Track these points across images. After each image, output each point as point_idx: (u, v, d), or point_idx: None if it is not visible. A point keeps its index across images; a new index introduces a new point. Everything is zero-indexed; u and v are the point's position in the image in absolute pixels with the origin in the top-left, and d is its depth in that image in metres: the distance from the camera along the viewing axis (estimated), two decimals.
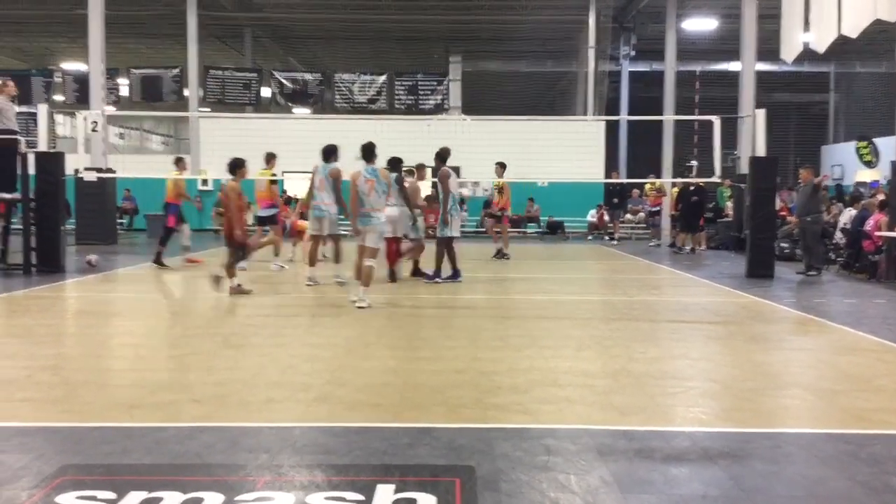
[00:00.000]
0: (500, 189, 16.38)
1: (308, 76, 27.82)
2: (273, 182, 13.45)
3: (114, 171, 18.64)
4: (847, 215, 14.25)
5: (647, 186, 22.72)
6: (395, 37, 30.09)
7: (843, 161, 28.86)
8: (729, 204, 20.20)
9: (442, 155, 11.65)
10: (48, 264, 12.08)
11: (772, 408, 5.03)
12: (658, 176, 22.48)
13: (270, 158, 13.43)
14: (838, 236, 14.36)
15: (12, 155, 11.99)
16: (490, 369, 5.88)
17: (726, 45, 26.82)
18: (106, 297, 10.49)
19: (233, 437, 4.17)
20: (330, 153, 10.87)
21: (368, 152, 9.29)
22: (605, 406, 4.91)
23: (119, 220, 22.71)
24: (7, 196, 12.12)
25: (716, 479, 3.65)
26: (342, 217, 10.71)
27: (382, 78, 26.92)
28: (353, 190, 9.16)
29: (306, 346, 6.78)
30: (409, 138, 21.94)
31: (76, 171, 15.20)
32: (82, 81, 24.33)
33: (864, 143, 27.13)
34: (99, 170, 17.38)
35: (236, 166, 10.19)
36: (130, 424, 4.38)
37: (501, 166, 15.73)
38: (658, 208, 22.08)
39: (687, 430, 4.39)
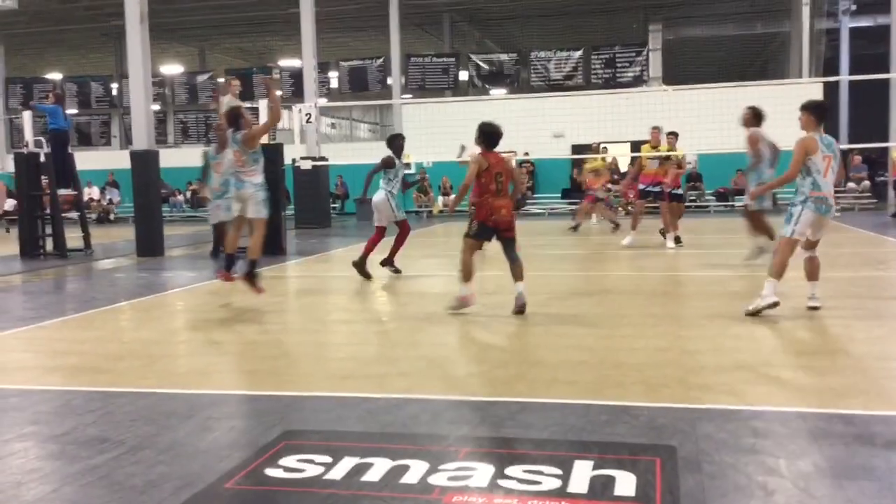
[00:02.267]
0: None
1: (504, 57, 28.09)
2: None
3: (326, 160, 19.85)
4: None
5: None
6: (591, 9, 29.57)
7: None
8: None
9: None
10: (272, 247, 13.11)
11: None
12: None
13: (671, 135, 13.02)
14: None
15: None
16: (694, 348, 5.71)
17: None
18: (323, 276, 11.24)
19: (436, 408, 4.36)
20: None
21: (823, 112, 6.86)
22: (820, 388, 4.62)
23: (332, 205, 24.17)
24: None
25: None
26: None
27: (578, 53, 26.60)
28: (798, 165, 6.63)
29: (503, 323, 6.90)
30: (606, 113, 21.61)
31: (293, 160, 16.36)
32: (297, 76, 26.01)
33: None
34: (313, 158, 18.59)
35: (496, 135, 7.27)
36: (344, 394, 4.69)
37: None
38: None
39: None
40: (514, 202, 7.30)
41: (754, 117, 9.99)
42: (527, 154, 23.16)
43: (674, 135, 13.20)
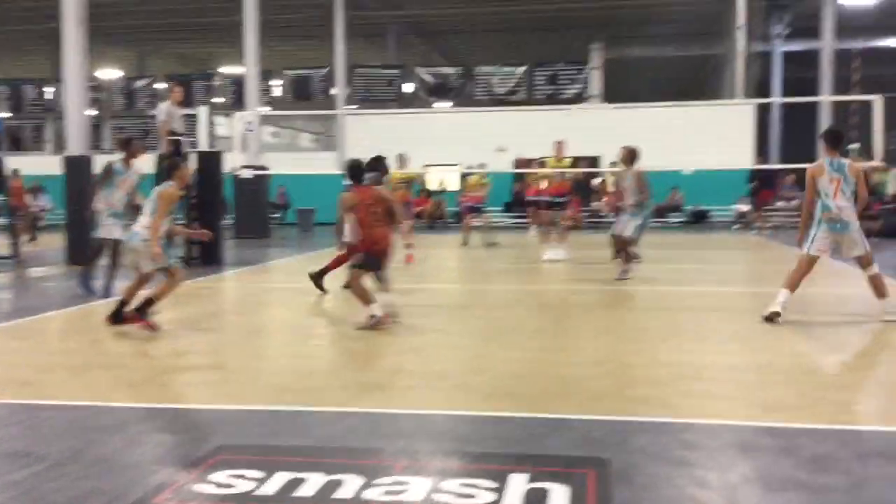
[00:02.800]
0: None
1: (449, 70, 28.21)
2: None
3: (267, 169, 19.64)
4: None
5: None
6: (535, 27, 29.96)
7: None
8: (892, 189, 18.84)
9: None
10: (209, 257, 12.89)
11: None
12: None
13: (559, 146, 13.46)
14: None
15: (178, 155, 12.88)
16: (630, 361, 5.80)
17: (891, 19, 24.95)
18: (261, 287, 11.09)
19: (373, 422, 4.33)
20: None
21: (835, 139, 7.39)
22: (749, 401, 4.74)
23: (272, 215, 23.88)
24: None
25: (867, 479, 3.45)
26: None
27: (522, 69, 26.89)
28: (809, 191, 7.33)
29: (445, 335, 6.91)
30: (548, 128, 21.87)
31: (233, 169, 16.13)
32: (239, 84, 25.72)
33: None
34: (254, 167, 18.36)
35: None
36: (280, 408, 4.63)
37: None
38: None
39: (837, 428, 4.17)
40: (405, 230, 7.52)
41: (631, 156, 10.57)
42: (470, 167, 23.31)
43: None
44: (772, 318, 7.01)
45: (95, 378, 5.50)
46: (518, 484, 3.34)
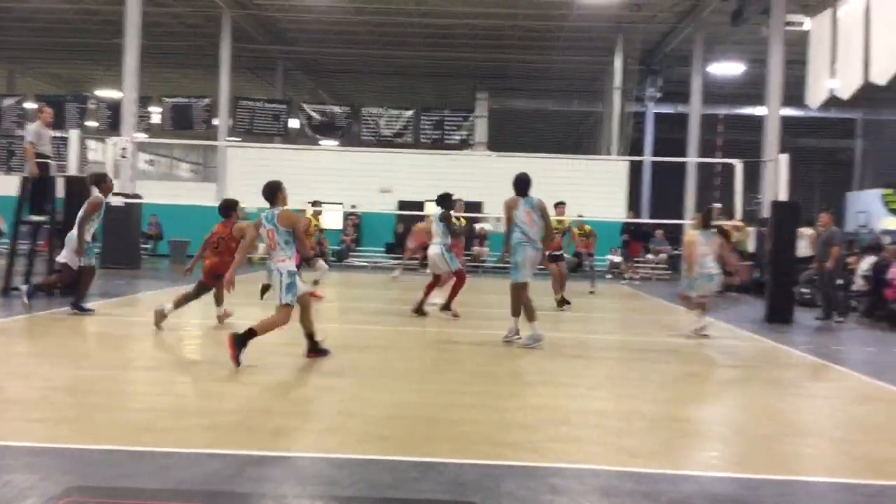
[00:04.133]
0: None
1: (336, 109, 28.24)
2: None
3: (140, 197, 18.93)
4: (867, 262, 14.07)
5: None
6: (423, 73, 30.51)
7: (867, 208, 28.52)
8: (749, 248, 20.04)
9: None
10: (71, 287, 12.21)
11: (784, 455, 4.95)
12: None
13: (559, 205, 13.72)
14: (859, 283, 14.17)
15: (46, 179, 12.23)
16: (502, 405, 5.86)
17: (752, 89, 26.91)
18: (127, 321, 10.59)
19: (239, 465, 4.18)
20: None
21: (708, 216, 10.51)
22: (614, 447, 4.87)
23: (144, 245, 22.99)
24: (35, 218, 12.35)
25: None
26: None
27: (409, 112, 27.24)
28: (689, 252, 10.16)
29: (320, 375, 6.79)
30: (432, 172, 22.20)
31: None
32: (115, 108, 24.82)
33: (891, 191, 26.96)
34: (126, 195, 17.65)
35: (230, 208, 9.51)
36: (139, 448, 4.40)
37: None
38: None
39: (696, 474, 4.35)
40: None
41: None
42: (354, 207, 23.26)
43: (562, 204, 13.76)
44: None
45: None
46: None
